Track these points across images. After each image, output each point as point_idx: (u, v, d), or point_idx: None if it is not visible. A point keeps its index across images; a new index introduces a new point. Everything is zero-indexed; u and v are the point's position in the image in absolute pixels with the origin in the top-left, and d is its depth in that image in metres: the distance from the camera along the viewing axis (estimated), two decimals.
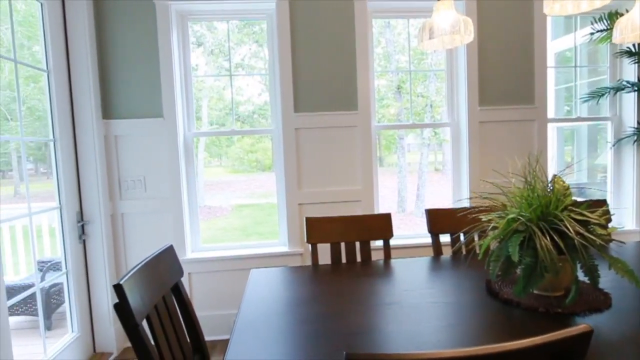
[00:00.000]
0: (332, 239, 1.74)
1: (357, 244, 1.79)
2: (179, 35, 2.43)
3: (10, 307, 1.88)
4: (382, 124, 2.51)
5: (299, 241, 2.46)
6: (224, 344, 2.42)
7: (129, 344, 2.44)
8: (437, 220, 1.82)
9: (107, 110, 2.33)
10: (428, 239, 2.58)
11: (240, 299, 2.48)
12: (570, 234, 1.05)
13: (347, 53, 2.42)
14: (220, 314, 2.47)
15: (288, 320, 1.13)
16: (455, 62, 2.59)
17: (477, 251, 1.82)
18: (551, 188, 1.19)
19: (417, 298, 1.24)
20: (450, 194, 2.68)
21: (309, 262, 2.47)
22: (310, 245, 1.75)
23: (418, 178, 8.05)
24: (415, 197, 8.09)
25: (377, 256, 2.48)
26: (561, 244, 1.07)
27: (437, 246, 1.80)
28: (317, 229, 1.74)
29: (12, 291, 2.24)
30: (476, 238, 1.75)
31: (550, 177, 1.24)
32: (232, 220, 8.30)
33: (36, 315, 2.68)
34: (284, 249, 2.49)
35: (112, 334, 2.33)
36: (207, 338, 2.36)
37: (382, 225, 1.78)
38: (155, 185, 2.39)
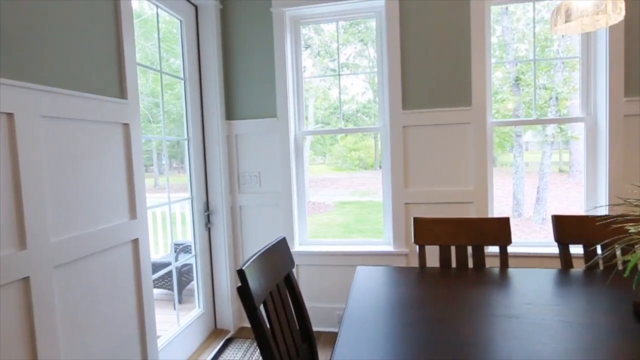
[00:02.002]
0: (442, 242, 1.66)
1: (469, 248, 1.67)
2: (292, 39, 2.57)
3: (153, 281, 2.21)
4: (499, 120, 2.30)
5: (404, 241, 2.40)
6: (327, 336, 2.50)
7: (244, 324, 2.69)
8: (567, 228, 1.60)
9: (230, 112, 2.59)
10: (551, 249, 2.30)
11: (343, 294, 2.53)
12: None
13: (461, 45, 2.28)
14: (323, 306, 2.55)
15: (395, 321, 1.11)
16: (594, 47, 2.24)
17: (621, 267, 1.55)
18: None
19: (542, 314, 1.11)
20: (582, 198, 2.34)
21: (414, 264, 2.40)
22: (417, 247, 1.69)
23: (538, 180, 7.20)
24: (535, 201, 7.25)
25: (490, 263, 2.29)
26: None
27: (565, 258, 1.58)
28: (425, 230, 1.68)
29: (154, 267, 2.64)
30: (618, 252, 1.49)
31: None
32: (335, 217, 8.52)
33: (171, 289, 3.12)
34: (389, 248, 2.46)
35: (230, 314, 2.59)
36: None
37: (499, 230, 1.63)
38: (269, 180, 2.58)
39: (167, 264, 2.37)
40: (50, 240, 1.25)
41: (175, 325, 2.25)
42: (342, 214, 8.67)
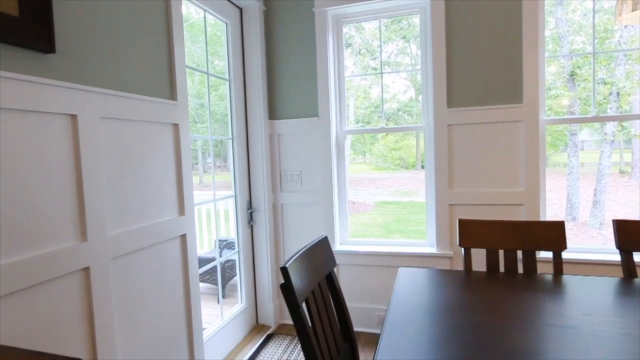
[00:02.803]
0: (489, 245, 1.59)
1: (519, 253, 1.59)
2: (334, 38, 2.57)
3: (199, 275, 2.30)
4: (552, 117, 2.17)
5: (448, 243, 2.33)
6: (366, 337, 2.48)
7: (284, 321, 2.73)
8: (631, 234, 1.47)
9: (272, 112, 2.64)
10: (611, 256, 2.14)
11: (383, 295, 2.50)
12: None
13: (511, 39, 2.17)
14: (363, 306, 2.53)
15: (440, 325, 1.08)
16: None
17: None
18: None
19: (601, 326, 1.03)
20: None
21: (458, 267, 2.33)
22: (462, 249, 1.63)
23: (596, 181, 6.72)
24: (591, 204, 6.78)
25: (542, 269, 2.17)
26: None
27: (628, 266, 1.46)
28: (471, 232, 1.62)
29: (199, 262, 2.75)
30: None
31: None
32: (375, 217, 8.43)
33: (215, 284, 3.23)
34: (432, 250, 2.40)
35: (271, 310, 2.64)
36: None
37: (553, 234, 1.54)
38: (310, 179, 2.59)
39: (212, 259, 2.45)
40: (108, 234, 1.33)
41: (219, 318, 2.33)
42: (382, 214, 8.57)
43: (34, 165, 1.10)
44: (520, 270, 2.11)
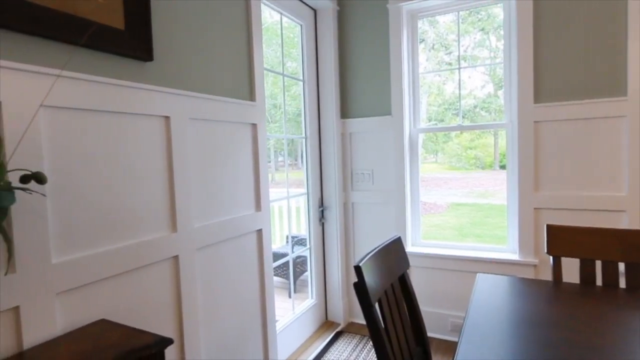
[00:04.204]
0: (584, 254, 1.43)
1: (621, 265, 1.41)
2: (408, 34, 2.50)
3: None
4: None
5: (532, 250, 2.15)
6: (438, 343, 2.38)
7: (354, 319, 2.73)
8: None
9: (345, 111, 2.65)
10: None
11: (458, 301, 2.38)
12: None
13: (613, 22, 1.93)
14: (435, 311, 2.44)
15: (524, 338, 1.00)
16: None
17: None
18: None
19: None
20: None
21: (544, 276, 2.13)
22: (551, 258, 1.49)
23: None
24: None
25: None
26: None
27: None
28: (562, 240, 1.47)
29: (273, 256, 2.86)
30: None
31: None
32: (447, 219, 8.08)
33: (286, 278, 3.34)
34: (514, 256, 2.23)
35: (340, 307, 2.66)
36: None
37: None
38: (381, 178, 2.56)
39: (284, 255, 2.54)
40: (194, 226, 1.44)
41: (291, 312, 2.40)
42: (455, 216, 8.18)
43: (135, 163, 1.23)
44: (624, 284, 1.87)
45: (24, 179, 0.83)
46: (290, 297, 2.65)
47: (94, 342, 0.95)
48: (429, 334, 2.46)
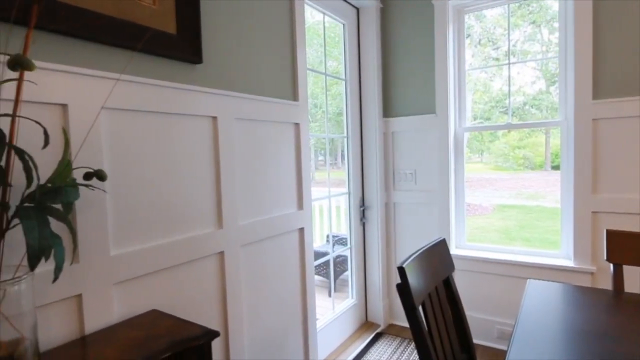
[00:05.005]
0: None
1: None
2: (454, 30, 2.43)
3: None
4: None
5: (589, 257, 2.01)
6: (484, 350, 2.29)
7: (394, 321, 2.69)
8: None
9: (387, 110, 2.61)
10: None
11: (505, 307, 2.28)
12: None
13: None
14: (480, 317, 2.35)
15: (582, 351, 0.93)
16: None
17: None
18: None
19: None
20: None
21: (602, 285, 1.99)
22: (611, 266, 1.39)
23: None
24: None
25: None
26: None
27: None
28: (624, 246, 1.37)
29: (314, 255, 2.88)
30: None
31: None
32: (493, 221, 7.75)
33: (326, 277, 3.35)
34: (568, 263, 2.10)
35: (380, 309, 2.63)
36: None
37: None
38: (424, 178, 2.50)
39: (324, 254, 2.55)
40: (239, 223, 1.48)
41: (331, 311, 2.41)
42: (501, 218, 7.83)
43: (184, 162, 1.29)
44: None
45: (87, 176, 0.89)
46: (330, 296, 2.65)
47: (147, 331, 1.01)
48: (474, 341, 2.37)
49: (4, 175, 0.76)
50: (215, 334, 1.01)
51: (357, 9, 2.54)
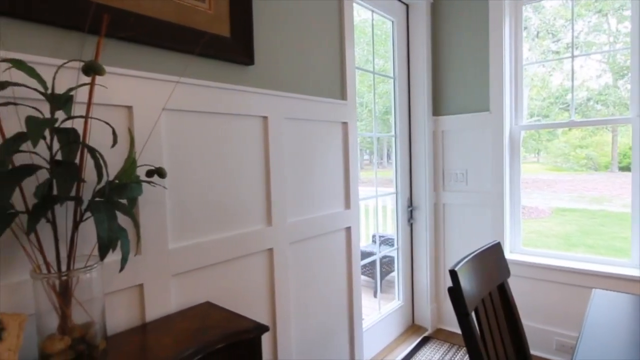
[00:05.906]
0: None
1: None
2: (511, 24, 2.30)
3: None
4: None
5: None
6: None
7: (442, 326, 2.61)
8: None
9: (437, 108, 2.54)
10: None
11: (566, 318, 2.13)
12: None
13: None
14: (537, 327, 2.22)
15: None
16: None
17: None
18: None
19: None
20: None
21: None
22: None
23: None
24: None
25: None
26: None
27: None
28: None
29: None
30: None
31: None
32: (551, 225, 7.26)
33: (372, 277, 3.32)
34: (639, 273, 1.92)
35: (428, 312, 2.56)
36: None
37: None
38: (477, 179, 2.40)
39: (371, 254, 2.52)
40: (288, 221, 1.51)
41: (377, 312, 2.38)
42: (560, 223, 7.31)
43: (237, 160, 1.33)
44: None
45: (149, 174, 0.95)
46: (375, 296, 2.62)
47: (201, 322, 1.05)
48: (532, 352, 2.24)
49: (78, 172, 0.83)
50: (265, 328, 1.04)
51: (407, 5, 2.49)
